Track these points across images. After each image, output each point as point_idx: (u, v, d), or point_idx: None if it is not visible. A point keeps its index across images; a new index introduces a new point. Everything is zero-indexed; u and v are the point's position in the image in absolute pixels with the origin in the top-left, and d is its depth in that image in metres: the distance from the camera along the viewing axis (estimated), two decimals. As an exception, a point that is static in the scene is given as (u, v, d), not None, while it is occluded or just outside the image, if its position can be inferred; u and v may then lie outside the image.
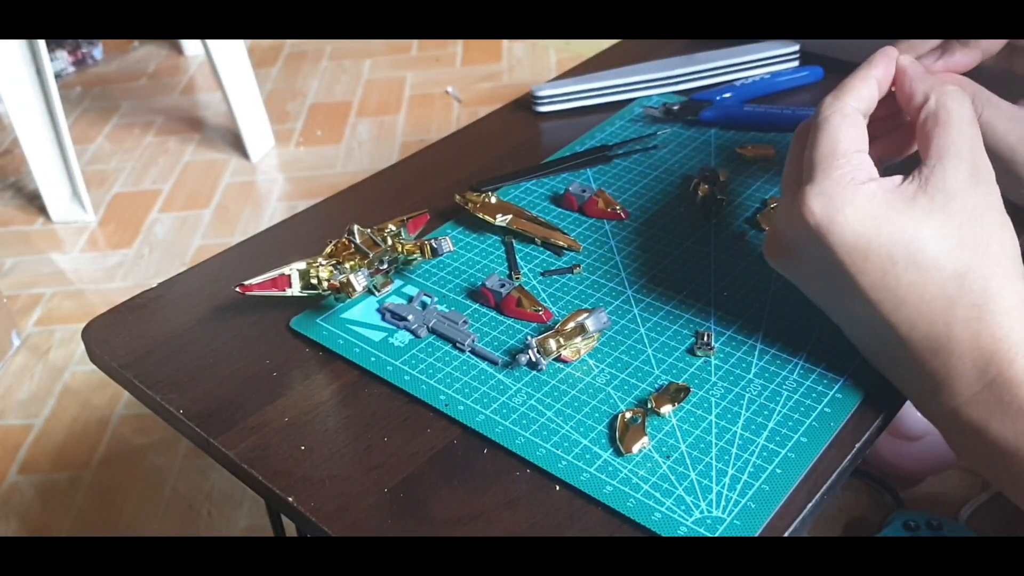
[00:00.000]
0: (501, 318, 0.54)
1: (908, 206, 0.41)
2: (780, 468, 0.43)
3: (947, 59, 0.51)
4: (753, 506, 0.41)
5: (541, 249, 0.59)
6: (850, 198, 0.42)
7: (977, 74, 0.53)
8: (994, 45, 0.52)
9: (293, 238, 0.64)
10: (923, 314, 0.41)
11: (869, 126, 0.47)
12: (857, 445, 0.44)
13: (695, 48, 0.80)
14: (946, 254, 0.41)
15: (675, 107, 0.72)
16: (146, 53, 2.57)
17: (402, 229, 0.57)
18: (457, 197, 0.63)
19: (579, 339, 0.50)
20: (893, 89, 0.48)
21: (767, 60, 0.79)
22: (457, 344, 0.52)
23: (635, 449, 0.44)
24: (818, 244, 0.43)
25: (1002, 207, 0.42)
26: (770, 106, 0.71)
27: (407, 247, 0.56)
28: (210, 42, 1.87)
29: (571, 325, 0.50)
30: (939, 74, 0.51)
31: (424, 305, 0.55)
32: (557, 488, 0.43)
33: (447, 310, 0.54)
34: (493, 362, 0.50)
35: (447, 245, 0.55)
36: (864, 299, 0.42)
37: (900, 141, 0.50)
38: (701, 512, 0.41)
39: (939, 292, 0.41)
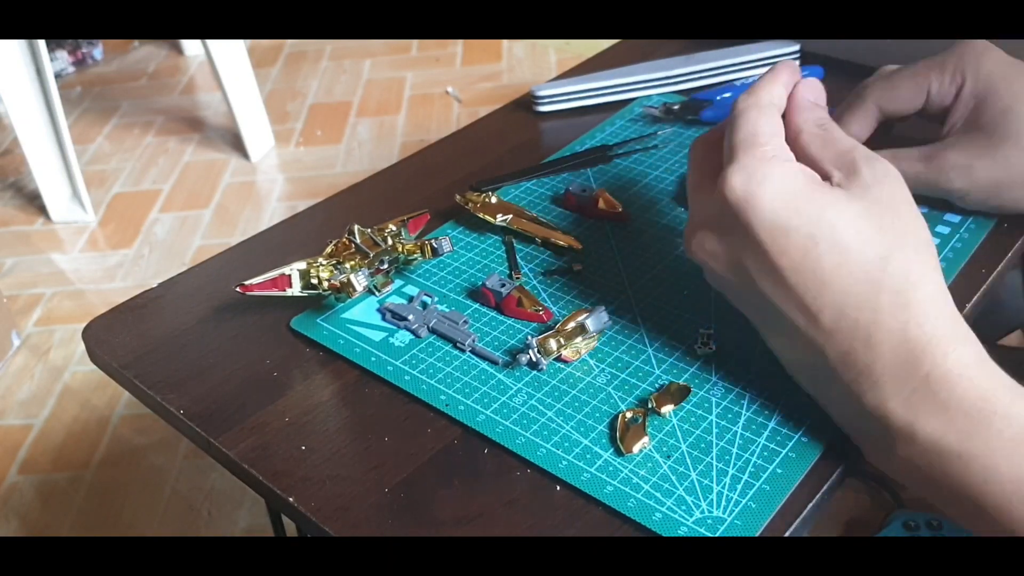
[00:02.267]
0: (501, 318, 0.54)
1: (829, 190, 0.42)
2: (781, 468, 0.43)
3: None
4: (754, 506, 0.41)
5: (541, 249, 0.59)
6: (771, 172, 0.42)
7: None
8: (899, 107, 0.57)
9: (293, 238, 0.64)
10: (849, 298, 0.40)
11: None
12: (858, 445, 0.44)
13: (695, 48, 0.80)
14: (868, 238, 0.40)
15: (675, 107, 0.72)
16: (146, 53, 2.57)
17: (402, 229, 0.57)
18: (457, 197, 0.63)
19: (579, 339, 0.50)
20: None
21: (767, 60, 0.79)
22: (457, 344, 0.52)
23: (636, 449, 0.44)
24: (737, 224, 0.42)
25: (917, 210, 0.42)
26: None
27: (407, 247, 0.56)
28: (210, 42, 1.87)
29: (571, 325, 0.50)
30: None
31: (424, 305, 0.55)
32: (557, 488, 0.43)
33: (447, 310, 0.54)
34: (493, 362, 0.50)
35: (447, 245, 0.55)
36: (786, 286, 0.41)
37: None
38: (702, 512, 0.41)
39: (863, 275, 0.40)
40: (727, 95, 0.72)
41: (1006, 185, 0.54)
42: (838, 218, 0.40)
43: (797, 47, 0.79)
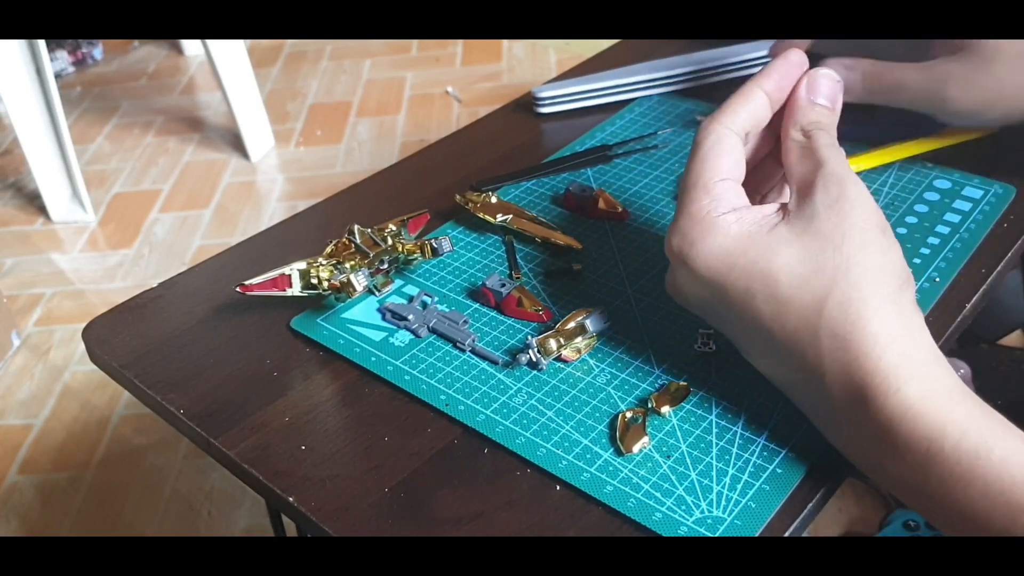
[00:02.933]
0: (501, 318, 0.54)
1: (765, 237, 0.41)
2: (781, 468, 0.43)
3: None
4: (754, 506, 0.41)
5: (541, 249, 0.59)
6: (702, 235, 0.42)
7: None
8: (888, 97, 0.57)
9: (293, 238, 0.64)
10: (793, 346, 0.40)
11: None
12: (857, 445, 0.44)
13: (695, 48, 0.80)
14: (802, 283, 0.39)
15: None
16: (146, 53, 2.57)
17: (402, 229, 0.57)
18: (457, 197, 0.63)
19: (579, 339, 0.50)
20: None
21: (765, 59, 0.79)
22: (457, 344, 0.52)
23: (635, 449, 0.44)
24: (686, 276, 0.44)
25: (871, 224, 0.40)
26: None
27: (407, 247, 0.56)
28: (210, 42, 1.87)
29: (571, 325, 0.50)
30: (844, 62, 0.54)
31: (424, 305, 0.55)
32: (557, 488, 0.43)
33: (447, 310, 0.54)
34: (493, 362, 0.50)
35: (447, 245, 0.55)
36: (741, 332, 0.43)
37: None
38: (702, 512, 0.41)
39: (800, 323, 0.39)
40: None
41: (999, 98, 0.55)
42: (770, 266, 0.40)
43: (797, 47, 0.79)
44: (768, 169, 0.49)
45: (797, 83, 0.46)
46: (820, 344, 0.39)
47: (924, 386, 0.37)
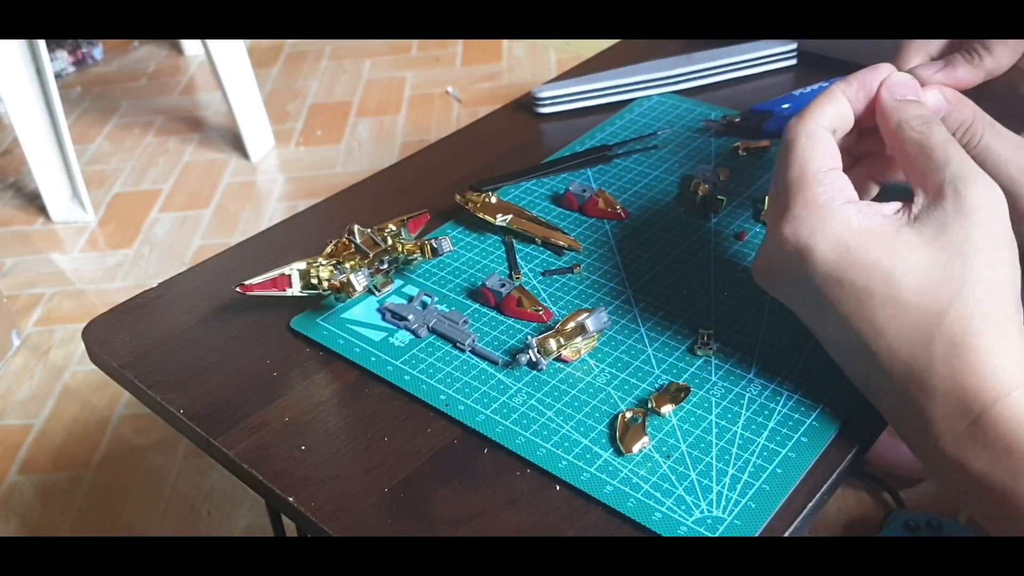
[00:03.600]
0: (501, 318, 0.54)
1: (891, 239, 0.40)
2: (780, 468, 0.43)
3: (948, 72, 0.49)
4: (753, 506, 0.41)
5: (541, 249, 0.59)
6: (823, 223, 0.41)
7: (980, 93, 0.50)
8: (999, 66, 0.50)
9: (293, 238, 0.64)
10: (903, 346, 0.40)
11: (864, 142, 0.46)
12: (858, 445, 0.44)
13: (695, 48, 0.80)
14: (925, 291, 0.39)
15: (736, 120, 0.70)
16: (146, 53, 2.57)
17: (402, 229, 0.57)
18: (457, 197, 0.63)
19: (579, 339, 0.50)
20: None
21: (765, 59, 0.79)
22: (457, 344, 0.52)
23: (635, 449, 0.44)
24: (796, 270, 0.42)
25: (1001, 239, 0.40)
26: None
27: (407, 247, 0.56)
28: (210, 42, 1.86)
29: (571, 325, 0.50)
30: (938, 88, 0.48)
31: (424, 305, 0.55)
32: (557, 488, 0.43)
33: (447, 310, 0.54)
34: (493, 362, 0.50)
35: (447, 245, 0.55)
36: (846, 328, 0.42)
37: (887, 164, 0.49)
38: (701, 512, 0.41)
39: (917, 327, 0.39)
40: (786, 106, 0.70)
41: None
42: (894, 270, 0.39)
43: (794, 45, 0.79)
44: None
45: (887, 83, 0.45)
46: (933, 349, 0.39)
47: None
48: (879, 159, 0.49)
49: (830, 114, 0.45)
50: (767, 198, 0.61)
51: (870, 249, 0.40)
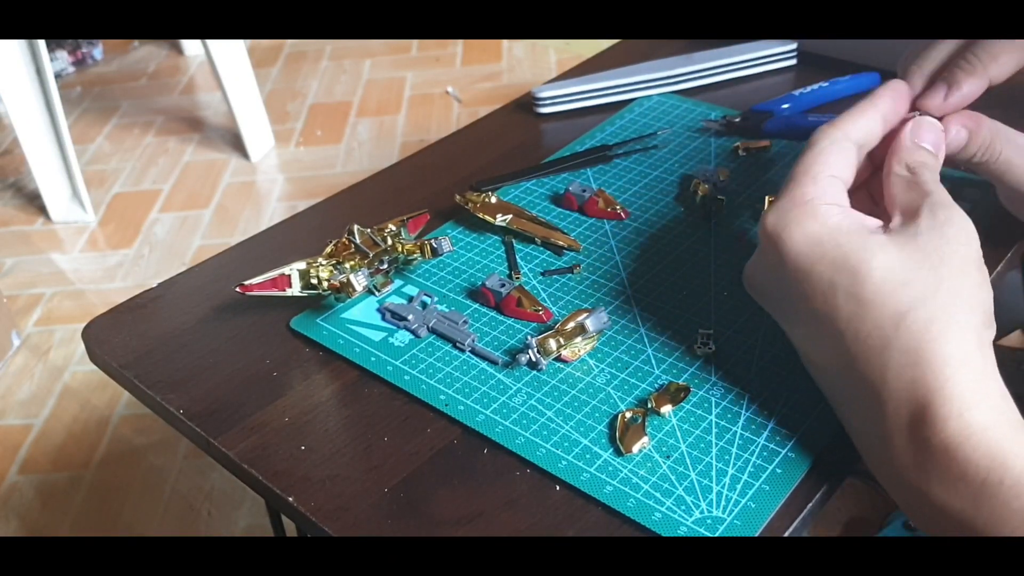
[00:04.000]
0: (501, 318, 0.54)
1: (862, 236, 0.40)
2: (780, 468, 0.43)
3: (955, 94, 0.48)
4: (753, 506, 0.41)
5: (541, 249, 0.59)
6: (799, 218, 0.41)
7: (987, 101, 0.50)
8: (1001, 72, 0.49)
9: (293, 238, 0.64)
10: (859, 351, 0.39)
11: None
12: (857, 445, 0.44)
13: (695, 48, 0.80)
14: (889, 290, 0.39)
15: (736, 120, 0.70)
16: (146, 53, 2.57)
17: (402, 229, 0.57)
18: (457, 197, 0.63)
19: (579, 339, 0.50)
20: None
21: (765, 59, 0.79)
22: (457, 344, 0.52)
23: (635, 449, 0.44)
24: (772, 261, 0.43)
25: (971, 260, 0.40)
26: (833, 115, 0.68)
27: (407, 247, 0.56)
28: (210, 42, 1.87)
29: (571, 325, 0.50)
30: (959, 123, 0.48)
31: (424, 305, 0.55)
32: (557, 488, 0.43)
33: (447, 310, 0.54)
34: (493, 362, 0.50)
35: (447, 245, 0.55)
36: (813, 326, 0.42)
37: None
38: (701, 512, 0.41)
39: (875, 330, 0.38)
40: (786, 106, 0.70)
41: None
42: (861, 265, 0.39)
43: (794, 45, 0.79)
44: (857, 201, 0.47)
45: (902, 124, 0.46)
46: (889, 356, 0.38)
47: (989, 416, 0.36)
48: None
49: (861, 127, 0.45)
50: (766, 198, 0.61)
51: (841, 243, 0.40)
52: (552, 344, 0.49)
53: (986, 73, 0.49)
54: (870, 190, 0.49)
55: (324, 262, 0.54)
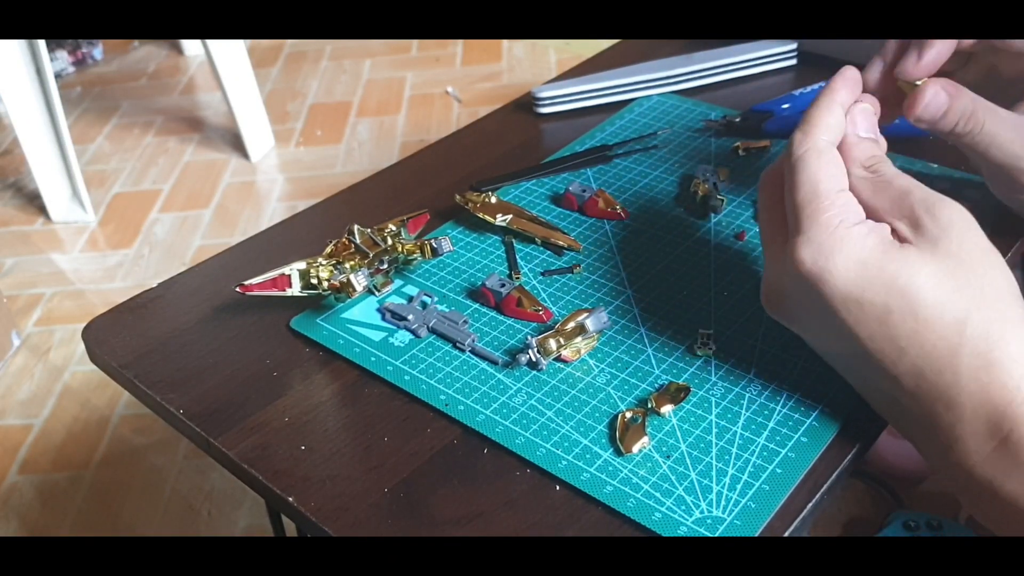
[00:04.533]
0: (501, 318, 0.54)
1: (901, 252, 0.40)
2: (780, 468, 0.43)
3: (927, 53, 0.48)
4: (753, 506, 0.41)
5: (541, 249, 0.59)
6: (840, 245, 0.40)
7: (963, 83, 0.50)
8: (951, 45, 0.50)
9: (293, 238, 0.64)
10: (928, 363, 0.39)
11: None
12: (858, 444, 0.44)
13: (695, 48, 0.80)
14: (944, 300, 0.39)
15: (736, 120, 0.70)
16: (146, 53, 2.57)
17: (402, 229, 0.57)
18: (457, 197, 0.63)
19: (579, 339, 0.50)
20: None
21: (765, 59, 0.79)
22: (457, 344, 0.52)
23: (635, 449, 0.44)
24: (812, 295, 0.41)
25: (987, 248, 0.41)
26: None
27: (407, 247, 0.56)
28: (210, 42, 1.86)
29: (571, 325, 0.50)
30: (939, 84, 0.48)
31: (424, 305, 0.55)
32: (557, 488, 0.43)
33: (447, 310, 0.54)
34: (493, 362, 0.50)
35: (447, 245, 0.55)
36: (864, 351, 0.41)
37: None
38: (701, 512, 0.41)
39: (941, 340, 0.39)
40: (786, 106, 0.70)
41: None
42: (911, 283, 0.39)
43: (794, 45, 0.79)
44: None
45: (847, 122, 0.46)
46: (959, 362, 0.38)
47: None
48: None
49: (833, 127, 0.44)
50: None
51: (885, 265, 0.40)
52: (552, 344, 0.49)
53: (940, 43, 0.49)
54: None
55: (324, 262, 0.54)
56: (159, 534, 1.20)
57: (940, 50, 0.48)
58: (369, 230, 0.56)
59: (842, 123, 0.45)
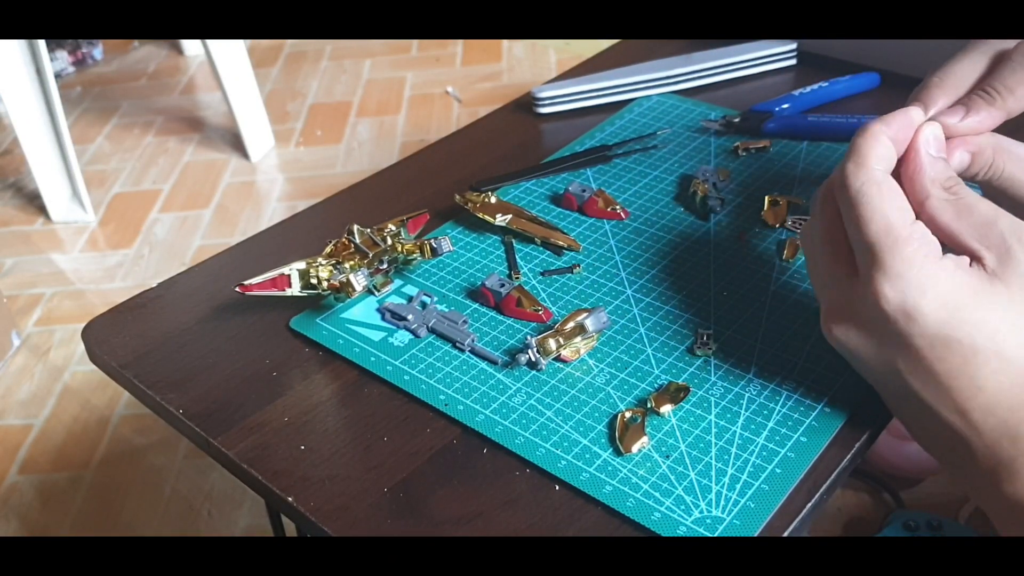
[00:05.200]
0: (501, 318, 0.54)
1: (991, 291, 0.39)
2: (780, 468, 0.43)
3: (971, 118, 0.46)
4: (753, 506, 0.41)
5: (541, 249, 0.59)
6: (930, 282, 0.39)
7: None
8: (1020, 104, 0.48)
9: (293, 238, 0.64)
10: (1002, 400, 0.39)
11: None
12: (857, 444, 0.44)
13: (695, 48, 0.80)
14: None
15: (735, 120, 0.70)
16: (146, 53, 2.57)
17: (402, 229, 0.57)
18: (457, 197, 0.63)
19: (579, 339, 0.50)
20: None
21: (765, 59, 0.79)
22: (457, 344, 0.52)
23: (635, 449, 0.44)
24: (893, 332, 0.40)
25: None
26: (833, 115, 0.68)
27: (407, 247, 0.56)
28: (210, 42, 1.86)
29: (571, 325, 0.50)
30: (963, 146, 0.46)
31: (424, 305, 0.55)
32: (557, 488, 0.43)
33: (447, 310, 0.54)
34: (493, 362, 0.50)
35: (447, 245, 0.55)
36: (939, 385, 0.40)
37: None
38: (701, 512, 0.41)
39: (1020, 380, 0.38)
40: (785, 106, 0.70)
41: None
42: (999, 327, 0.39)
43: (794, 45, 0.79)
44: None
45: (914, 141, 0.44)
46: None
47: None
48: None
49: (884, 158, 0.43)
50: (766, 198, 0.61)
51: (977, 306, 0.39)
52: (552, 344, 0.49)
53: (1005, 106, 0.47)
54: None
55: (324, 262, 0.54)
56: (159, 534, 1.20)
57: (983, 120, 0.47)
58: (369, 230, 0.56)
59: (891, 155, 0.43)
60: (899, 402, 0.43)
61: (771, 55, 0.79)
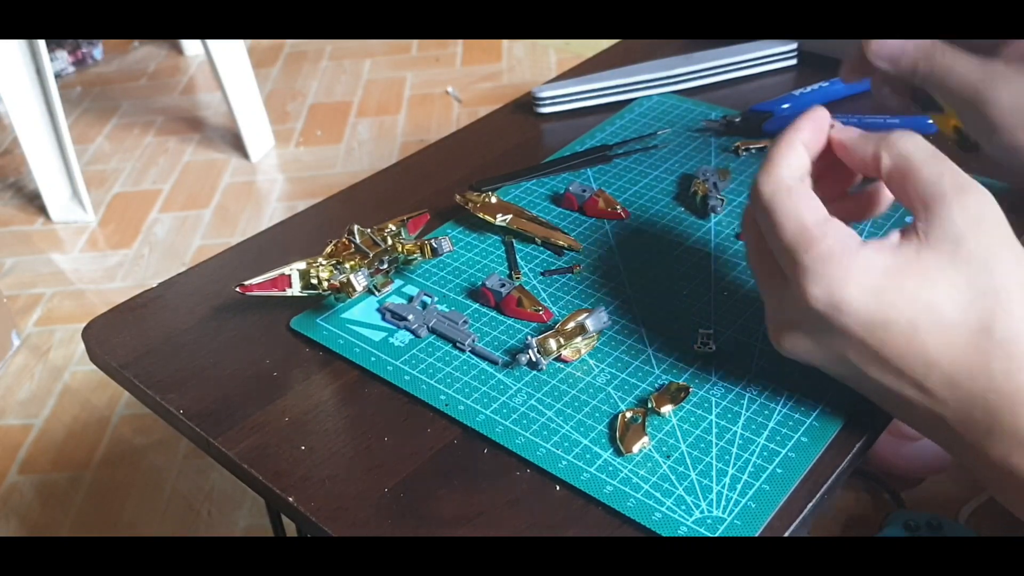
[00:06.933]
0: (501, 318, 0.54)
1: (916, 266, 0.39)
2: (780, 468, 0.43)
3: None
4: (753, 506, 0.41)
5: (541, 249, 0.59)
6: (849, 273, 0.39)
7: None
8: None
9: (293, 238, 0.64)
10: (959, 370, 0.38)
11: (823, 190, 0.44)
12: (858, 444, 0.44)
13: (695, 48, 0.80)
14: (966, 306, 0.38)
15: (736, 120, 0.70)
16: (146, 53, 2.57)
17: (402, 229, 0.57)
18: (457, 197, 0.63)
19: (579, 339, 0.50)
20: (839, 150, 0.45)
21: (765, 59, 0.79)
22: (457, 344, 0.52)
23: (635, 449, 0.44)
24: (830, 329, 0.40)
25: (1013, 241, 0.39)
26: (833, 116, 0.68)
27: (407, 247, 0.56)
28: (210, 42, 1.86)
29: (571, 325, 0.50)
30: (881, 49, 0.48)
31: (424, 305, 0.55)
32: (557, 488, 0.43)
33: (447, 310, 0.54)
34: (493, 362, 0.50)
35: (447, 245, 0.55)
36: (892, 369, 0.40)
37: (862, 203, 0.47)
38: (701, 512, 0.41)
39: (971, 348, 0.38)
40: (786, 106, 0.70)
41: None
42: (932, 296, 0.38)
43: (794, 45, 0.79)
44: None
45: (835, 144, 0.45)
46: (992, 366, 0.38)
47: None
48: (845, 205, 0.47)
49: (795, 166, 0.43)
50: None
51: (903, 283, 0.39)
52: (552, 344, 0.49)
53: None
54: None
55: (324, 262, 0.54)
56: (159, 534, 1.20)
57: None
58: (369, 230, 0.56)
59: (804, 162, 0.43)
60: (873, 394, 0.43)
61: (771, 55, 0.79)
